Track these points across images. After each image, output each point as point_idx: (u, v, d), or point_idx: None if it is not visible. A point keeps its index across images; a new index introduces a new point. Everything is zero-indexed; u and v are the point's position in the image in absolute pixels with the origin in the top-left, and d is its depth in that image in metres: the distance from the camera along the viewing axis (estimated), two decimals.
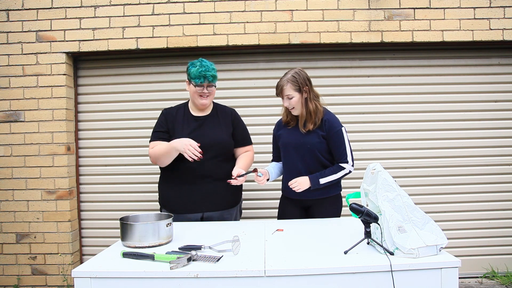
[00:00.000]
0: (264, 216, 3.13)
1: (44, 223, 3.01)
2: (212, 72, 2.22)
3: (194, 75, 2.20)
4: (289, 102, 2.20)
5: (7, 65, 3.00)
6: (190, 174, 2.20)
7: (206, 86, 2.23)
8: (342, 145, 2.19)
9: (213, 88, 2.27)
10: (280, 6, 2.99)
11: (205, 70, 2.19)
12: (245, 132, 2.45)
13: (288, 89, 2.18)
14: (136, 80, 3.20)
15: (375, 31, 2.98)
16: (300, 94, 2.18)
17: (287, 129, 2.32)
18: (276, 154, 2.45)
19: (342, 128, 2.21)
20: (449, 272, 1.38)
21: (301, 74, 2.19)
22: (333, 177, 2.18)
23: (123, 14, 2.99)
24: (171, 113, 2.35)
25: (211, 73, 2.21)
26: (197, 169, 2.19)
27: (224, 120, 2.36)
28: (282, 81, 2.21)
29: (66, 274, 2.98)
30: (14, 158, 3.01)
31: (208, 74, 2.20)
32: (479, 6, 2.97)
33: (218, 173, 2.22)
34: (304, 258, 1.45)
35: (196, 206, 2.21)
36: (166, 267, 1.36)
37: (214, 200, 2.23)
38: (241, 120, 2.46)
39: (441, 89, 3.19)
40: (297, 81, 2.17)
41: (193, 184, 2.21)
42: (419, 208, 1.56)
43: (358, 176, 2.34)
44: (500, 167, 3.19)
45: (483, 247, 3.19)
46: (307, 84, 2.20)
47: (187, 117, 2.32)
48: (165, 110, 2.39)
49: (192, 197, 2.21)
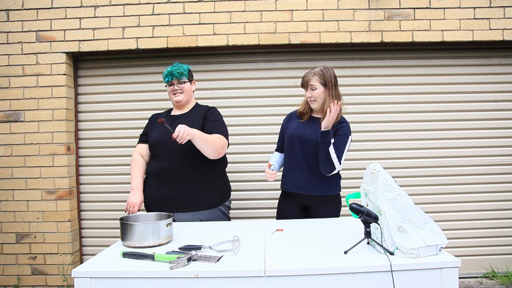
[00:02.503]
0: (264, 216, 3.13)
1: (44, 223, 3.01)
2: (179, 69, 2.26)
3: (164, 75, 2.30)
4: (312, 93, 2.23)
5: (7, 65, 3.00)
6: (159, 173, 2.22)
7: (176, 83, 2.28)
8: (342, 147, 2.20)
9: (184, 85, 2.30)
10: (280, 6, 2.99)
11: (172, 69, 2.27)
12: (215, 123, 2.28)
13: (313, 80, 2.22)
14: (136, 80, 3.20)
15: (375, 31, 2.98)
16: (324, 88, 2.22)
17: (298, 122, 2.33)
18: (280, 144, 2.46)
19: (350, 136, 2.24)
20: (449, 272, 1.38)
21: (329, 70, 2.24)
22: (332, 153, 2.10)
23: (123, 14, 2.99)
24: (155, 115, 2.46)
25: (178, 70, 2.25)
26: (165, 168, 2.19)
27: (197, 117, 2.30)
28: (310, 73, 2.25)
29: (66, 274, 2.98)
30: (14, 158, 3.01)
31: (174, 70, 2.25)
32: (479, 6, 2.97)
33: (187, 173, 2.17)
34: (304, 258, 1.45)
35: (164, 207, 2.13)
36: (166, 267, 1.36)
37: (184, 201, 2.17)
38: (217, 115, 2.34)
39: (441, 89, 3.19)
40: (324, 75, 2.21)
41: (162, 184, 2.20)
42: (419, 208, 1.56)
43: (358, 176, 2.34)
44: (500, 167, 3.19)
45: (483, 247, 3.19)
46: (333, 81, 2.22)
47: (166, 118, 2.34)
48: (153, 115, 2.50)
49: (160, 197, 2.19)
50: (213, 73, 3.20)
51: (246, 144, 3.18)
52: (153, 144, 2.30)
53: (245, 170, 3.19)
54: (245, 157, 3.18)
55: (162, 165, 2.21)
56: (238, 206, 3.18)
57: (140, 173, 2.31)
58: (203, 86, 3.17)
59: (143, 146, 2.38)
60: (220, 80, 3.20)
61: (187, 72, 2.31)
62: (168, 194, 2.18)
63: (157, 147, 2.26)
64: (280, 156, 2.44)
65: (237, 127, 3.15)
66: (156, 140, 2.28)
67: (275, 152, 2.49)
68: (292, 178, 2.28)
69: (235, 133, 3.13)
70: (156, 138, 2.28)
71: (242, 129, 3.18)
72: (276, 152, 2.48)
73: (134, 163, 2.34)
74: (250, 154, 3.19)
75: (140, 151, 2.38)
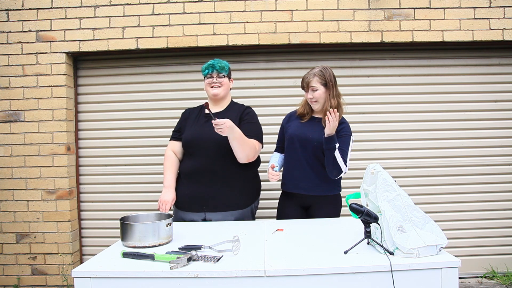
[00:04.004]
0: (264, 216, 3.13)
1: (44, 223, 3.01)
2: (220, 63, 2.27)
3: (203, 68, 2.30)
4: (313, 94, 2.23)
5: (7, 65, 3.00)
6: (193, 172, 2.20)
7: (216, 77, 2.27)
8: (346, 149, 2.21)
9: (223, 80, 2.29)
10: (280, 6, 2.99)
11: (213, 62, 2.28)
12: (251, 126, 2.28)
13: (314, 81, 2.22)
14: (136, 80, 3.20)
15: (375, 31, 2.98)
16: (325, 89, 2.22)
17: (298, 122, 2.33)
18: (280, 145, 2.46)
19: (351, 137, 2.25)
20: (449, 272, 1.38)
21: (328, 70, 2.25)
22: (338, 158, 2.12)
23: (123, 14, 2.99)
24: (187, 111, 2.43)
25: (219, 64, 2.26)
26: (199, 167, 2.18)
27: (233, 115, 2.27)
28: (309, 74, 2.26)
29: (66, 274, 2.98)
30: (14, 158, 3.01)
31: (216, 64, 2.26)
32: (479, 6, 2.97)
33: (221, 172, 2.18)
34: (304, 258, 1.45)
35: (196, 206, 2.19)
36: (166, 267, 1.36)
37: (216, 201, 2.18)
38: (253, 117, 2.34)
39: (441, 89, 3.19)
40: (324, 75, 2.22)
41: (195, 183, 2.19)
42: (419, 208, 1.56)
43: (358, 177, 2.34)
44: (500, 167, 3.19)
45: (483, 247, 3.19)
46: (332, 80, 2.23)
47: (201, 114, 2.34)
48: (186, 109, 2.47)
49: (193, 196, 2.19)
50: None
51: None
52: (187, 142, 2.27)
53: None
54: None
55: (196, 165, 2.20)
56: None
57: (173, 170, 2.30)
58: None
59: (176, 144, 2.35)
60: None
61: (227, 68, 2.32)
62: (201, 194, 2.18)
63: (191, 146, 2.24)
64: (280, 156, 2.44)
65: None
66: (190, 139, 2.25)
67: (275, 152, 2.49)
68: (292, 178, 2.28)
69: None
70: (190, 136, 2.25)
71: None
72: (276, 152, 2.48)
73: (167, 160, 2.32)
74: None
75: (173, 148, 2.35)
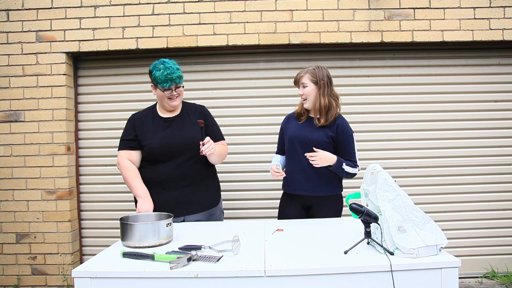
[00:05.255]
0: (264, 216, 3.13)
1: (44, 223, 3.01)
2: (177, 73, 2.12)
3: (161, 80, 2.10)
4: (303, 90, 2.24)
5: (7, 65, 3.00)
6: (166, 178, 2.15)
7: (174, 89, 2.14)
8: (352, 149, 2.24)
9: (181, 89, 2.19)
10: (280, 6, 2.99)
11: (171, 73, 2.10)
12: (216, 128, 2.35)
13: (305, 78, 2.24)
14: (136, 80, 3.19)
15: (375, 31, 2.98)
16: (316, 86, 2.22)
17: (296, 123, 2.34)
18: (281, 147, 2.46)
19: (353, 134, 2.26)
20: (449, 272, 1.38)
21: (322, 70, 2.25)
22: (351, 170, 2.20)
23: (123, 14, 2.99)
24: (138, 118, 2.26)
25: (177, 74, 2.12)
26: (173, 173, 2.15)
27: (194, 118, 2.26)
28: (302, 71, 2.27)
29: (66, 274, 2.98)
30: (14, 158, 3.01)
31: (174, 76, 2.10)
32: (479, 6, 2.97)
33: (195, 175, 2.18)
34: (304, 258, 1.45)
35: (176, 211, 2.11)
36: (166, 267, 1.36)
37: (194, 203, 2.18)
38: (210, 115, 2.37)
39: (441, 89, 3.19)
40: (316, 73, 2.23)
41: (171, 189, 2.16)
42: (419, 208, 1.56)
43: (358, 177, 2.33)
44: (500, 167, 3.19)
45: (483, 247, 3.19)
46: (325, 80, 2.23)
47: (156, 120, 2.24)
48: (132, 116, 2.30)
49: (171, 202, 2.15)
50: (213, 73, 3.20)
51: (247, 144, 3.18)
52: (154, 150, 2.17)
53: (245, 170, 3.19)
54: (245, 157, 3.18)
55: (167, 171, 2.15)
56: (239, 206, 3.19)
57: (139, 179, 2.17)
58: (203, 86, 3.17)
59: (133, 153, 2.21)
60: (220, 80, 3.20)
61: (182, 74, 2.19)
62: (179, 199, 2.16)
63: (160, 153, 2.17)
64: (281, 158, 2.43)
65: (237, 127, 3.15)
66: (157, 146, 2.16)
67: (276, 154, 2.48)
68: (294, 179, 2.28)
69: (235, 133, 3.13)
70: (158, 144, 2.16)
71: (242, 129, 3.18)
72: (277, 154, 2.48)
73: (129, 170, 2.17)
74: (251, 154, 3.18)
75: (129, 157, 2.21)
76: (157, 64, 2.15)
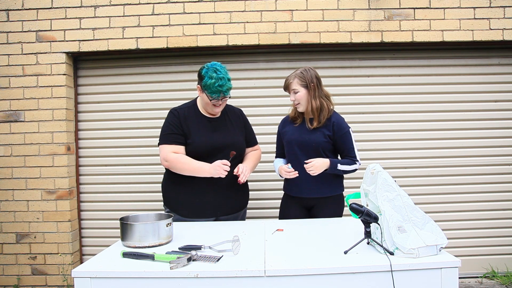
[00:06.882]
0: (265, 216, 3.13)
1: (44, 223, 3.01)
2: (228, 85, 2.11)
3: (211, 90, 2.08)
4: (295, 96, 2.24)
5: (7, 65, 3.00)
6: (207, 179, 2.12)
7: (222, 98, 2.14)
8: (350, 145, 2.24)
9: (227, 98, 2.19)
10: (280, 6, 2.99)
11: (222, 85, 2.08)
12: (253, 132, 2.46)
13: (294, 84, 2.22)
14: (136, 80, 3.20)
15: (375, 31, 2.98)
16: (307, 90, 2.21)
17: (292, 127, 2.33)
18: (280, 151, 2.46)
19: (349, 129, 2.26)
20: (449, 272, 1.38)
21: (309, 71, 2.23)
22: (347, 168, 2.21)
23: (123, 14, 2.99)
24: (182, 113, 2.21)
25: (227, 87, 2.11)
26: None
27: (235, 121, 2.34)
28: (290, 76, 2.26)
29: (66, 274, 2.98)
30: (14, 158, 3.01)
31: (225, 89, 2.09)
32: (479, 6, 2.97)
33: (231, 177, 2.16)
34: (304, 258, 1.45)
35: (211, 211, 2.18)
36: (166, 267, 1.36)
37: (230, 203, 2.24)
38: (247, 120, 2.47)
39: (441, 89, 3.19)
40: (304, 77, 2.21)
41: (208, 188, 2.15)
42: (419, 208, 1.56)
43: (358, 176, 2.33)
44: (500, 167, 3.19)
45: (483, 247, 3.19)
46: (314, 81, 2.22)
47: (200, 118, 2.22)
48: (176, 111, 2.23)
49: (208, 202, 2.17)
50: None
51: None
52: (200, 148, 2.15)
53: None
54: None
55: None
56: None
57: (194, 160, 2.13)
58: None
59: (179, 148, 2.16)
60: None
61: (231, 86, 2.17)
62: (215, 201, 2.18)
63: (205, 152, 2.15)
64: (283, 161, 2.42)
65: None
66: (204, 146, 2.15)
67: (277, 158, 2.47)
68: (295, 182, 2.27)
69: None
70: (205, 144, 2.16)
71: None
72: (278, 158, 2.47)
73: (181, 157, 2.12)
74: None
75: (176, 151, 2.15)
76: (210, 71, 2.10)
